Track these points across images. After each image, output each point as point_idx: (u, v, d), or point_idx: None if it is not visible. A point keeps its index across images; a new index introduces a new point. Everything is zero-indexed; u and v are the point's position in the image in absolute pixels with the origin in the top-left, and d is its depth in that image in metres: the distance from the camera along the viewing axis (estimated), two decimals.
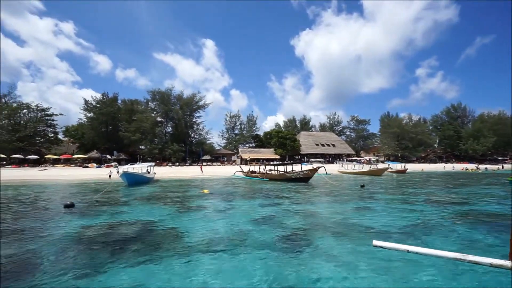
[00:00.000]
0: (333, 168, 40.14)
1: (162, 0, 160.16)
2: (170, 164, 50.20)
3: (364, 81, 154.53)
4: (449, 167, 54.70)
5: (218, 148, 69.37)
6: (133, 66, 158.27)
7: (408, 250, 2.80)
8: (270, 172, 27.47)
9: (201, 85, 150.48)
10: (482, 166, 53.62)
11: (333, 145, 72.45)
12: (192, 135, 61.47)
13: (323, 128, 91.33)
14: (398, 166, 41.27)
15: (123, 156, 52.14)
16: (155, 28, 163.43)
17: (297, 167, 27.32)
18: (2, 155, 42.18)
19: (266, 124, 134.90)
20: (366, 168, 36.10)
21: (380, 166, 38.26)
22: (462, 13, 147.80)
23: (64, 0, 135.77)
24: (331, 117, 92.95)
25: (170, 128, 60.63)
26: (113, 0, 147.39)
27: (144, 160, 49.61)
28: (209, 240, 6.29)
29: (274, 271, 4.55)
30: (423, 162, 72.37)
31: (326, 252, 5.38)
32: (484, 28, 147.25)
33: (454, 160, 75.17)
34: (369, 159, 70.34)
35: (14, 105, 49.96)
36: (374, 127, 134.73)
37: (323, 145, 71.17)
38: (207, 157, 58.07)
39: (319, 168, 22.34)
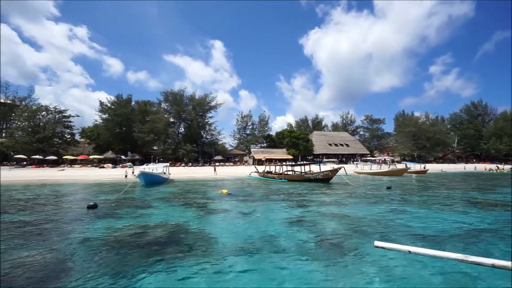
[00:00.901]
0: (349, 169, 38.98)
1: (171, 1, 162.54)
2: (183, 165, 50.35)
3: (375, 79, 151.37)
4: (470, 167, 52.13)
5: (229, 148, 69.24)
6: (144, 69, 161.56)
7: (409, 251, 2.92)
8: (287, 173, 26.82)
9: (210, 86, 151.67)
10: (507, 167, 50.86)
11: (347, 145, 70.88)
12: (204, 135, 61.56)
13: (335, 127, 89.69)
14: (417, 166, 39.65)
15: (137, 157, 52.75)
16: (164, 30, 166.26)
17: (314, 168, 26.60)
18: (22, 156, 43.51)
19: (276, 125, 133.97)
20: (384, 168, 34.81)
21: (399, 166, 36.84)
22: (479, 7, 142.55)
23: (77, 0, 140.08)
24: (344, 116, 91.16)
25: (182, 129, 60.99)
26: (125, 1, 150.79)
27: (157, 161, 50.04)
28: (242, 244, 5.79)
29: (319, 277, 3.98)
30: (441, 162, 69.65)
31: (374, 260, 4.75)
32: (502, 21, 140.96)
33: (474, 160, 71.95)
34: (384, 159, 68.39)
35: (34, 107, 51.56)
36: (387, 127, 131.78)
37: (336, 145, 69.74)
38: (218, 157, 57.97)
39: (339, 168, 21.56)
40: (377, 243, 3.73)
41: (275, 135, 71.27)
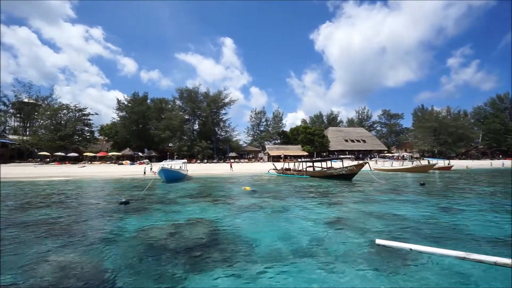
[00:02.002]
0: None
1: (182, 1, 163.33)
2: (198, 161, 50.54)
3: (388, 74, 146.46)
4: (496, 163, 49.01)
5: (243, 145, 68.99)
6: (157, 67, 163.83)
7: (411, 249, 2.77)
8: (306, 169, 26.09)
9: (221, 84, 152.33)
10: None
11: (364, 141, 68.86)
12: (219, 132, 61.54)
13: (351, 123, 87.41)
14: (440, 162, 37.70)
15: (153, 154, 53.43)
16: (176, 29, 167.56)
17: (335, 164, 25.77)
18: (46, 153, 45.06)
19: (287, 121, 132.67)
20: (407, 164, 33.30)
21: (423, 162, 35.15)
22: None
23: (92, 1, 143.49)
24: (360, 112, 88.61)
25: (197, 126, 61.24)
26: (138, 2, 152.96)
27: (172, 157, 50.51)
28: (287, 246, 5.27)
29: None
30: (464, 159, 66.30)
31: (440, 267, 4.10)
32: None
33: (500, 156, 68.01)
34: (403, 155, 65.99)
35: (55, 106, 53.25)
36: (405, 122, 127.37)
37: (352, 141, 67.91)
38: (232, 154, 57.85)
39: (365, 163, 20.64)
40: (378, 241, 3.55)
41: (289, 132, 70.23)
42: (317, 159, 29.46)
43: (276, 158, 54.15)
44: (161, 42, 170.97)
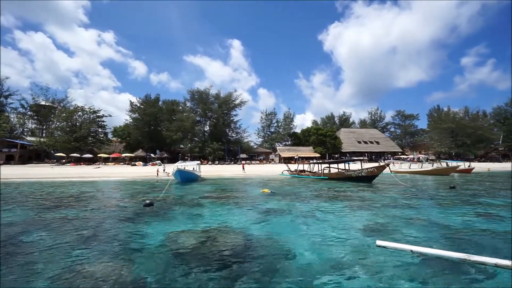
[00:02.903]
0: None
1: (191, 2, 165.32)
2: (209, 163, 50.44)
3: (399, 74, 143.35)
4: None
5: (254, 146, 68.55)
6: (166, 70, 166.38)
7: (412, 250, 2.69)
8: (320, 171, 25.37)
9: (229, 85, 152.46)
10: None
11: (377, 142, 67.18)
12: (230, 133, 61.36)
13: (363, 124, 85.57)
14: (460, 164, 35.97)
15: (165, 155, 53.76)
16: (184, 32, 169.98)
17: (352, 165, 24.99)
18: (62, 154, 46.02)
19: (295, 123, 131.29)
20: (426, 167, 31.98)
21: (443, 164, 33.64)
22: None
23: (104, 5, 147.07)
24: (372, 113, 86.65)
25: (207, 127, 61.28)
26: (148, 4, 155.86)
27: (189, 158, 50.65)
28: (328, 258, 4.74)
29: None
30: (483, 161, 63.53)
31: None
32: None
33: None
34: (419, 157, 63.90)
35: (71, 108, 54.49)
36: (419, 123, 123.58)
37: (365, 142, 66.37)
38: (243, 155, 57.49)
39: (387, 165, 19.80)
40: (379, 242, 3.50)
41: (300, 133, 69.33)
42: (333, 160, 28.66)
43: (288, 160, 53.45)
44: (170, 44, 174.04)
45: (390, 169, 21.27)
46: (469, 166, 35.37)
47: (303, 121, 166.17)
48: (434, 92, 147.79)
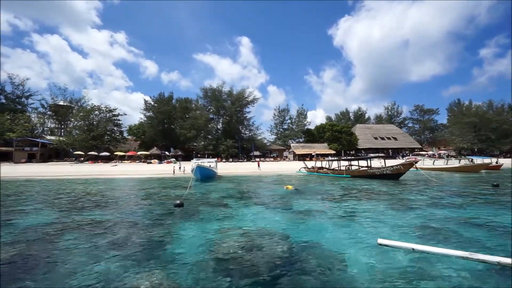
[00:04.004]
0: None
1: (199, 1, 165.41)
2: (223, 160, 50.23)
3: (412, 68, 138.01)
4: None
5: (267, 143, 67.84)
6: (176, 69, 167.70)
7: (413, 249, 2.84)
8: (338, 168, 24.45)
9: (239, 83, 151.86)
10: None
11: (395, 138, 64.89)
12: (243, 130, 60.91)
13: (379, 120, 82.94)
14: (486, 160, 33.80)
15: (179, 153, 54.00)
16: (194, 31, 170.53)
17: (374, 163, 23.90)
18: (80, 152, 47.08)
19: (308, 119, 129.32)
20: (453, 163, 30.23)
21: (468, 161, 31.74)
22: None
23: (116, 6, 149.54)
24: (389, 108, 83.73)
25: (220, 124, 61.08)
26: (158, 4, 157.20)
27: (206, 156, 50.68)
28: (387, 270, 4.05)
29: None
30: (509, 157, 60.05)
31: None
32: None
33: None
34: (439, 153, 61.22)
35: (88, 108, 55.65)
36: (438, 117, 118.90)
37: (382, 138, 64.24)
38: (257, 153, 56.95)
39: (415, 162, 18.70)
40: (380, 240, 3.47)
41: (314, 129, 67.91)
42: (355, 157, 27.64)
43: (302, 157, 52.46)
44: (180, 43, 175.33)
45: (416, 166, 20.13)
46: (497, 163, 33.30)
47: (313, 118, 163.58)
48: (451, 86, 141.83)
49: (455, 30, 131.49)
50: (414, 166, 19.36)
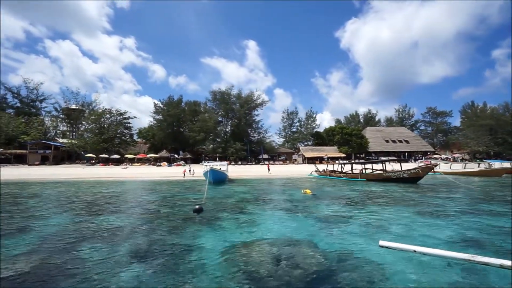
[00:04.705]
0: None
1: (207, 3, 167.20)
2: (232, 163, 49.97)
3: (422, 70, 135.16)
4: None
5: (276, 146, 67.33)
6: (184, 73, 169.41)
7: (415, 251, 2.90)
8: (352, 171, 23.78)
9: (245, 86, 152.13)
10: None
11: (406, 141, 63.41)
12: (252, 133, 60.67)
13: (390, 122, 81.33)
14: (505, 165, 32.34)
15: (188, 155, 54.10)
16: (201, 34, 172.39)
17: (388, 166, 23.18)
18: (92, 155, 47.67)
19: (318, 122, 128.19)
20: (471, 167, 29.03)
21: (484, 165, 30.45)
22: None
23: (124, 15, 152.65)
24: (400, 110, 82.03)
25: (228, 127, 61.02)
26: (166, 6, 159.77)
27: (208, 159, 50.53)
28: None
29: None
30: None
31: None
32: None
33: None
34: (453, 157, 59.43)
35: (99, 111, 56.50)
36: (453, 120, 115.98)
37: (394, 141, 62.86)
38: (265, 156, 56.53)
39: (435, 165, 17.96)
40: (382, 242, 3.45)
41: (323, 132, 67.07)
42: (368, 160, 26.92)
43: (311, 160, 51.76)
44: (187, 48, 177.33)
45: (434, 170, 19.36)
46: None
47: (320, 121, 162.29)
48: (462, 88, 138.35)
49: (465, 31, 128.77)
50: (432, 170, 18.66)
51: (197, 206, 8.36)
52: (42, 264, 4.46)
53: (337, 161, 36.05)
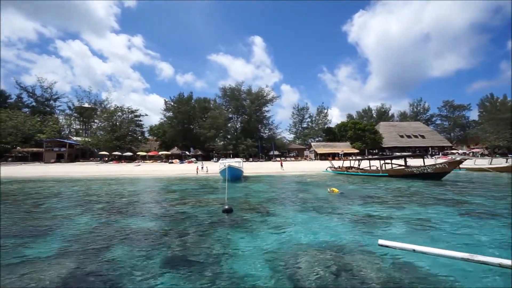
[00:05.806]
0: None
1: (212, 2, 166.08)
2: (244, 160, 49.60)
3: (434, 63, 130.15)
4: None
5: (286, 143, 66.55)
6: (191, 70, 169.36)
7: (414, 250, 2.78)
8: (370, 167, 22.93)
9: (252, 83, 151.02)
10: None
11: (422, 136, 61.43)
12: (262, 129, 60.07)
13: (403, 117, 78.98)
14: None
15: (199, 152, 54.10)
16: (207, 32, 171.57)
17: (411, 161, 22.25)
18: (105, 152, 48.28)
19: (329, 117, 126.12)
20: (498, 162, 27.56)
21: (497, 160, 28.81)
22: None
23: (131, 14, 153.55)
24: (415, 105, 79.45)
25: (239, 124, 60.61)
26: (172, 4, 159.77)
27: (219, 156, 50.38)
28: None
29: None
30: None
31: None
32: None
33: None
34: (472, 152, 57.15)
35: (111, 109, 57.10)
36: (471, 114, 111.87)
37: (409, 136, 61.03)
38: (276, 152, 55.92)
39: (463, 160, 17.00)
40: (381, 241, 3.15)
41: (335, 128, 65.73)
42: (390, 156, 26.04)
43: (324, 156, 50.82)
44: (194, 45, 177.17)
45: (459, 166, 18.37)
46: None
47: (330, 117, 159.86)
48: (476, 81, 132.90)
49: (479, 22, 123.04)
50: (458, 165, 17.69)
51: (226, 206, 7.94)
52: (76, 270, 4.12)
53: (350, 157, 35.11)
